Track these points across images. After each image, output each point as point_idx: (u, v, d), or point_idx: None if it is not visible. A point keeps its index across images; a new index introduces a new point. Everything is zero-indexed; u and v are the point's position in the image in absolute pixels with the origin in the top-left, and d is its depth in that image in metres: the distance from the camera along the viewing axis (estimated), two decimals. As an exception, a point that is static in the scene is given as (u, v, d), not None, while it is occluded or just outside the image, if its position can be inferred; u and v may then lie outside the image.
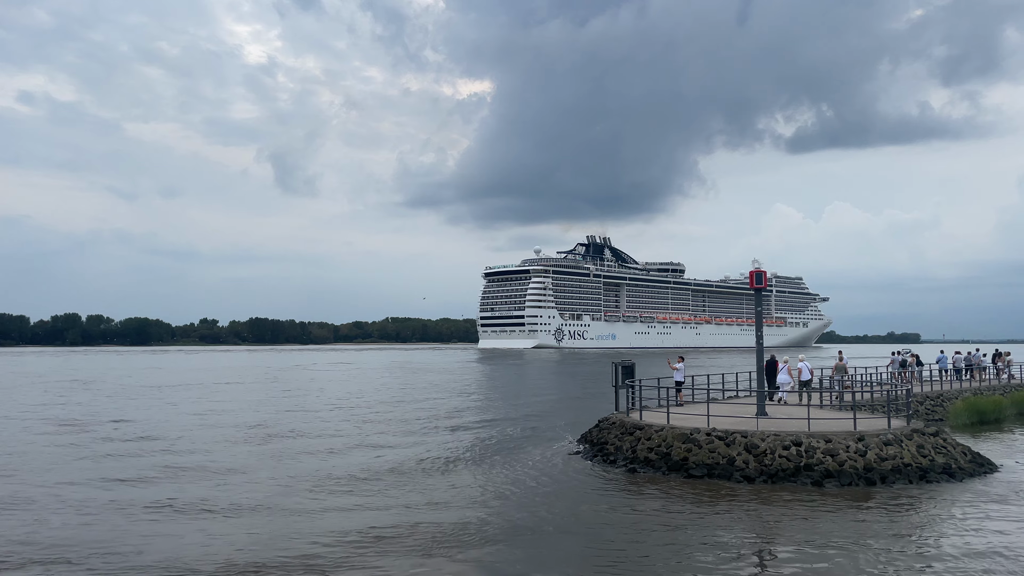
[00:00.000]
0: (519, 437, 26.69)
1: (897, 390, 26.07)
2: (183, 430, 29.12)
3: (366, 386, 55.38)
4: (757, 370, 22.65)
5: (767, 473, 17.96)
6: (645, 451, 20.05)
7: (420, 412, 35.90)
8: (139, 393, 49.09)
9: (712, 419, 20.45)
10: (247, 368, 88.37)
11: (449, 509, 16.09)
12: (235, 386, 55.25)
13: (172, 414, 35.61)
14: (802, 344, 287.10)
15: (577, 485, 18.47)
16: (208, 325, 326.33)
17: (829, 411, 23.72)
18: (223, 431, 28.85)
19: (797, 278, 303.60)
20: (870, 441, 18.52)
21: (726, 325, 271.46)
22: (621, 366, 23.74)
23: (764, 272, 22.56)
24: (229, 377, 68.27)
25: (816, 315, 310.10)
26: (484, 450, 23.87)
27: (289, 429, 29.11)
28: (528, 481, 18.96)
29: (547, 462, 21.52)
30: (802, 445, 18.37)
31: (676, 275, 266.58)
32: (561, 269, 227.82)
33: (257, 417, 33.91)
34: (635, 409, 23.02)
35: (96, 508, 16.38)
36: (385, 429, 29.20)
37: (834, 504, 15.96)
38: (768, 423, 20.52)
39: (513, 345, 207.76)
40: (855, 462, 17.93)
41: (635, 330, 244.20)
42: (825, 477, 17.61)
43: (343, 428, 29.83)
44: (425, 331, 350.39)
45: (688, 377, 26.48)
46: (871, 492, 17.00)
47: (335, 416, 34.39)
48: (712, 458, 18.76)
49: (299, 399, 43.56)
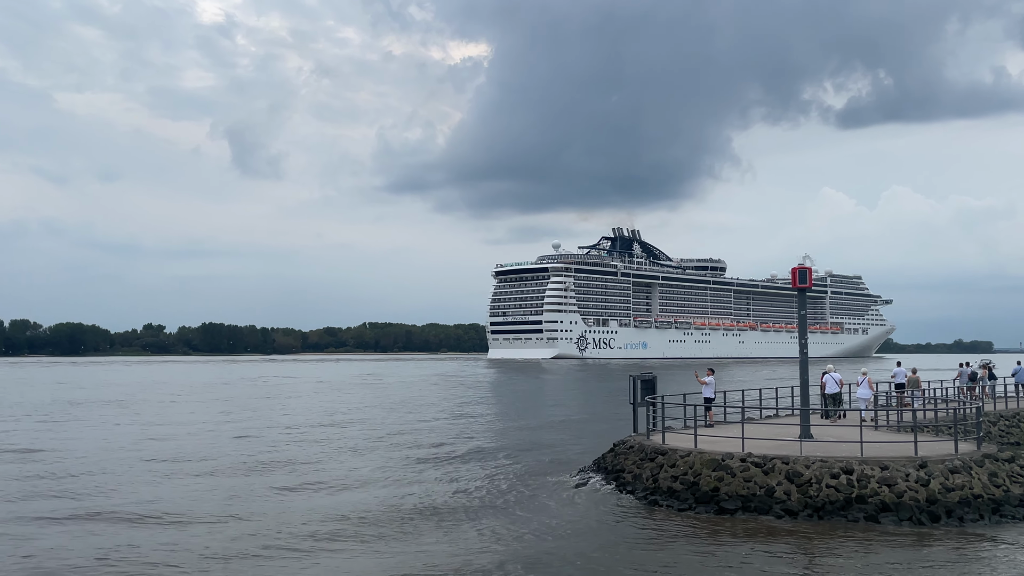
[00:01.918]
0: (524, 464, 26.38)
1: (965, 408, 25.60)
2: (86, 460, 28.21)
3: (345, 405, 55.08)
4: (801, 383, 22.21)
5: (812, 506, 17.65)
6: (668, 480, 19.74)
7: (403, 437, 35.38)
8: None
9: (747, 442, 20.03)
10: (186, 383, 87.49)
11: (438, 555, 15.69)
12: (155, 405, 54.26)
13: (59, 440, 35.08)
14: (861, 354, 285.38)
15: (588, 521, 18.15)
16: (153, 332, 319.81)
17: (885, 433, 23.44)
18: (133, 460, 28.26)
19: (855, 277, 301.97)
20: (934, 468, 18.12)
21: (774, 332, 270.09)
22: (640, 380, 23.36)
23: (809, 269, 22.17)
24: (158, 394, 67.17)
25: (877, 320, 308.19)
26: (480, 481, 23.50)
27: (240, 462, 27.84)
28: (531, 518, 18.61)
29: (554, 494, 21.18)
30: (854, 473, 18.03)
31: (716, 274, 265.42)
32: (584, 267, 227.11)
33: (186, 443, 33.53)
34: (657, 431, 22.71)
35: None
36: (358, 464, 28.58)
37: (892, 543, 15.68)
38: (814, 447, 20.14)
39: (529, 355, 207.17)
40: (916, 493, 17.55)
41: (669, 338, 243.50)
42: (881, 511, 17.30)
43: (309, 457, 29.38)
44: (409, 339, 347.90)
45: (719, 392, 26.00)
46: (935, 529, 16.70)
47: (302, 442, 34.00)
48: (747, 489, 18.44)
49: (252, 422, 42.46)
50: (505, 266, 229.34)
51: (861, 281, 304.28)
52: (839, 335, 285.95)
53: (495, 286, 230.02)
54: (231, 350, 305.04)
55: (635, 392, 23.40)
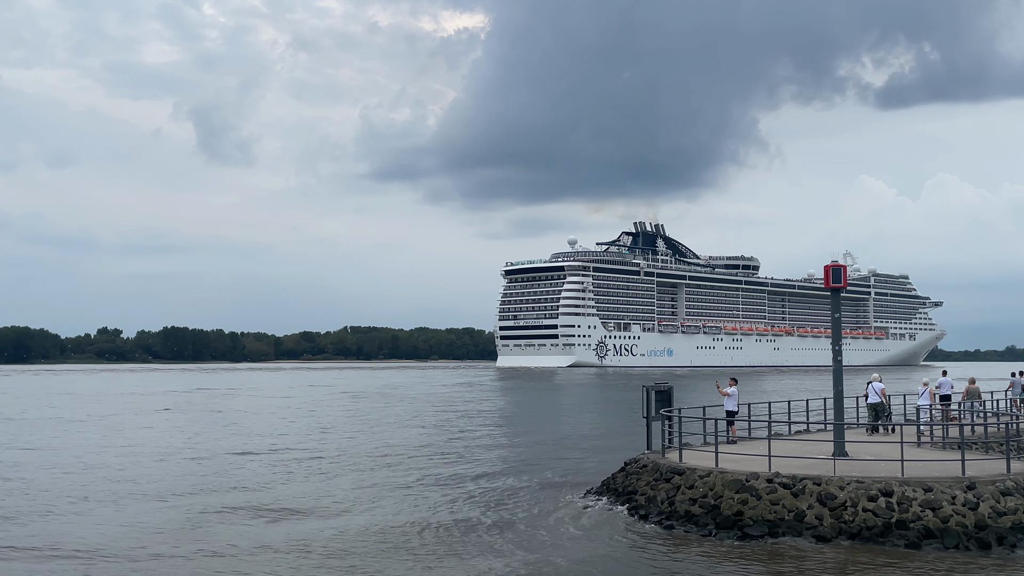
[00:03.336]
0: (526, 486, 26.26)
1: (1018, 423, 25.22)
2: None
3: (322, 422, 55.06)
4: (835, 394, 21.93)
5: (847, 532, 17.60)
6: (686, 503, 19.63)
7: (396, 456, 35.17)
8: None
9: (775, 461, 19.89)
10: (123, 395, 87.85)
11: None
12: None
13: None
14: (908, 362, 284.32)
15: (594, 550, 17.97)
16: (109, 337, 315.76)
17: (928, 450, 23.17)
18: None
19: (902, 277, 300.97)
20: (983, 490, 17.97)
21: (812, 337, 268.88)
22: (655, 391, 23.21)
23: (844, 267, 21.89)
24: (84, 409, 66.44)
25: (926, 324, 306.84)
26: (473, 505, 23.28)
27: (197, 485, 27.34)
28: (528, 547, 18.42)
29: (556, 520, 21.00)
30: (893, 495, 17.93)
31: (748, 273, 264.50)
32: (603, 266, 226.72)
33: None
34: (673, 448, 22.58)
35: None
36: (340, 487, 28.52)
37: (937, 573, 15.65)
38: (849, 466, 19.92)
39: (543, 363, 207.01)
40: (963, 518, 17.47)
41: (696, 344, 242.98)
42: (924, 537, 17.22)
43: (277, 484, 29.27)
44: (396, 345, 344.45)
45: (743, 405, 25.75)
46: (984, 558, 16.59)
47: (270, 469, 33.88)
48: (775, 512, 18.34)
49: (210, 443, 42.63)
50: (516, 264, 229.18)
51: (908, 281, 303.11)
52: (884, 341, 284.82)
53: (504, 286, 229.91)
54: (196, 357, 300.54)
55: (649, 404, 23.23)
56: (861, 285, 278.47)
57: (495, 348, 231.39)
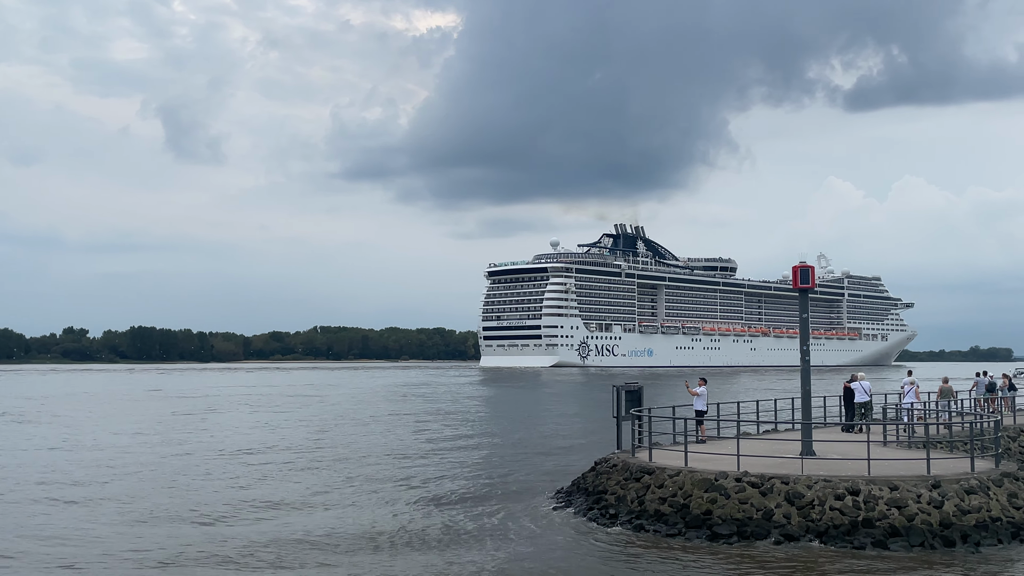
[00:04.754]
0: (496, 487, 25.91)
1: (983, 422, 25.10)
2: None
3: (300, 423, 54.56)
4: (803, 393, 21.83)
5: (815, 531, 17.50)
6: (656, 503, 19.43)
7: (359, 457, 34.85)
8: None
9: (743, 460, 19.72)
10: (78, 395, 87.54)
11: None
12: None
13: None
14: (880, 362, 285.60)
15: (561, 550, 17.72)
16: (74, 336, 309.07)
17: (894, 449, 23.15)
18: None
19: (875, 279, 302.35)
20: (948, 488, 17.96)
21: (787, 338, 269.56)
22: (625, 390, 22.96)
23: (811, 268, 21.76)
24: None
25: (898, 325, 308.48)
26: (440, 506, 22.85)
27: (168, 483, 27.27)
28: (494, 548, 18.14)
29: (524, 521, 20.68)
30: (860, 494, 17.85)
31: (726, 275, 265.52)
32: (585, 267, 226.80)
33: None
34: (643, 447, 22.27)
35: None
36: (311, 486, 28.06)
37: (902, 571, 15.65)
38: (816, 465, 19.84)
39: (526, 363, 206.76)
40: (929, 516, 17.43)
41: (676, 344, 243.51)
42: (890, 536, 17.19)
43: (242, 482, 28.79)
44: (366, 345, 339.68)
45: (712, 404, 25.50)
46: (950, 556, 16.56)
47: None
48: (743, 512, 18.21)
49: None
50: (499, 265, 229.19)
51: (880, 283, 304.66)
52: (857, 341, 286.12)
53: (487, 287, 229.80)
54: (163, 357, 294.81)
55: (619, 404, 22.93)
56: (835, 286, 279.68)
57: (466, 348, 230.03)
